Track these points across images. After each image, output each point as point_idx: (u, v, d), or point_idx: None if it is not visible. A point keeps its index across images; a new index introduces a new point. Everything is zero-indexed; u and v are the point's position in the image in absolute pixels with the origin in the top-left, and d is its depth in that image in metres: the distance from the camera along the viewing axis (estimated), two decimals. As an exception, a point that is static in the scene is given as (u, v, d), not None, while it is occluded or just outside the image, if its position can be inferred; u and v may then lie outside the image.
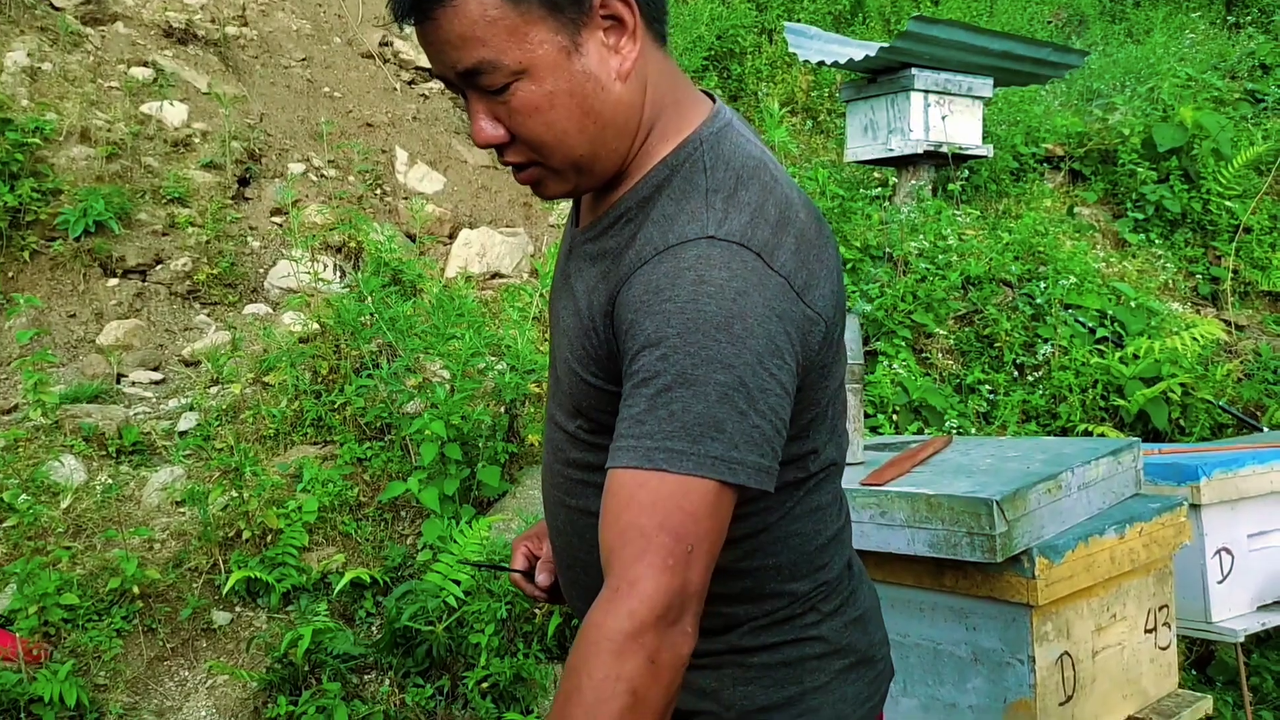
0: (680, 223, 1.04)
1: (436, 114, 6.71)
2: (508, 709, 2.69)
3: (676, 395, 0.97)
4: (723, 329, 0.98)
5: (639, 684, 0.92)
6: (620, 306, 1.04)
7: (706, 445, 0.96)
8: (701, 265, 1.00)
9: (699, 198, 1.06)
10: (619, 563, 0.95)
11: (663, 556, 0.94)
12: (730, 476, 0.97)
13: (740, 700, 1.15)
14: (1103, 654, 2.18)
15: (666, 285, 1.00)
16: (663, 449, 0.96)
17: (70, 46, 5.59)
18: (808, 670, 1.16)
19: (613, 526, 0.97)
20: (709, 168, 1.09)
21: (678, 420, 0.96)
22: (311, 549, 3.12)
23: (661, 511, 0.95)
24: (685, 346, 0.97)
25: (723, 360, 0.97)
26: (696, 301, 0.98)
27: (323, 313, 3.95)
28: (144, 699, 2.72)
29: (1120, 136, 6.28)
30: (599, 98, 1.06)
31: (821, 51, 5.80)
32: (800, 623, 1.17)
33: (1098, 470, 2.26)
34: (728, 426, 0.97)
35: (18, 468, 3.27)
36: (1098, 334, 4.51)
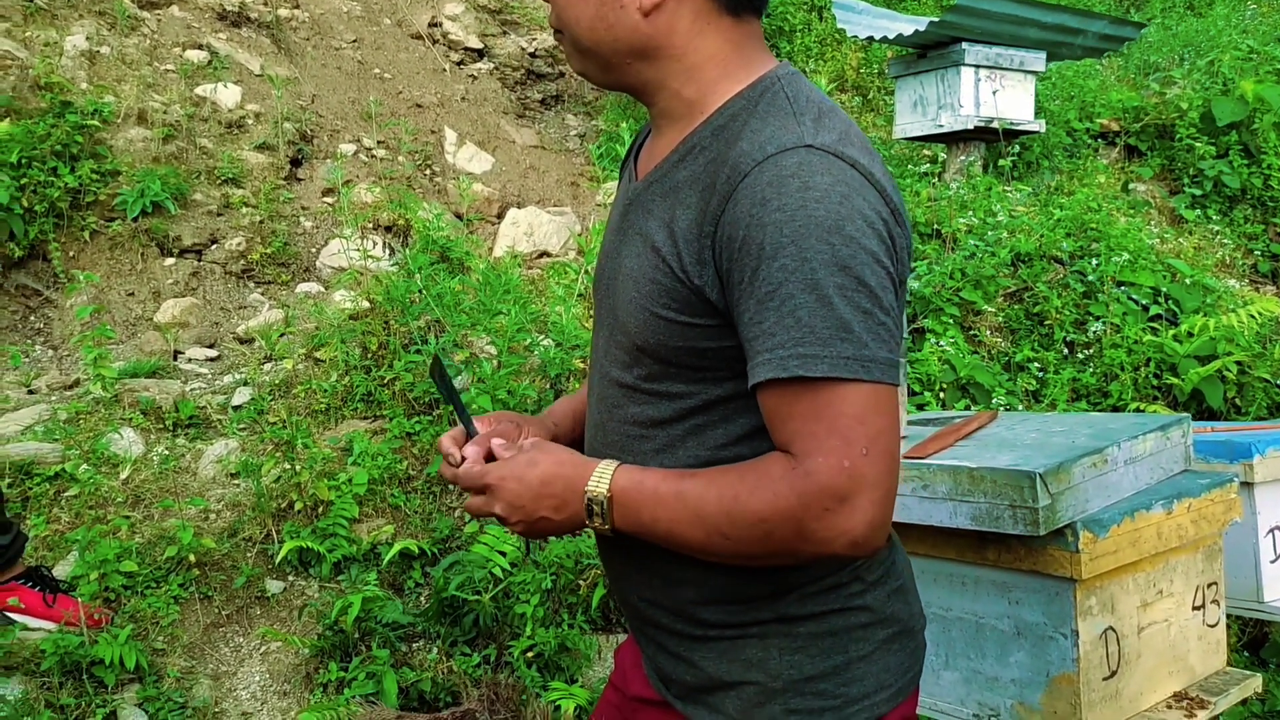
0: (773, 135, 1.06)
1: (485, 94, 6.75)
2: (553, 678, 2.73)
3: (801, 302, 0.99)
4: (835, 231, 1.00)
5: (778, 539, 1.02)
6: (726, 226, 1.05)
7: (838, 347, 0.99)
8: (804, 172, 1.02)
9: (787, 117, 1.09)
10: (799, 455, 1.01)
11: (838, 455, 0.99)
12: (865, 374, 1.00)
13: (787, 670, 1.15)
14: (1148, 630, 2.16)
15: (773, 195, 1.02)
16: (796, 356, 0.99)
17: (127, 30, 5.70)
18: (853, 640, 1.17)
19: (782, 435, 1.03)
20: (791, 98, 1.12)
21: (805, 326, 0.99)
22: (361, 520, 3.18)
23: (826, 419, 0.99)
24: (801, 253, 0.99)
25: (840, 262, 1.00)
26: (805, 207, 1.00)
27: (373, 290, 4.01)
28: (200, 663, 2.80)
29: (1178, 111, 6.14)
30: (616, 14, 1.14)
31: (871, 27, 5.74)
32: (846, 591, 1.18)
33: (1145, 445, 2.23)
34: (855, 326, 0.99)
35: (79, 439, 3.37)
36: (1151, 311, 4.43)
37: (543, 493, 1.13)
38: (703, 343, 1.10)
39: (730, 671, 1.17)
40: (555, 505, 1.13)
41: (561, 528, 1.15)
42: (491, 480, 1.16)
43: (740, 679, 1.17)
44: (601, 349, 1.25)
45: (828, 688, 1.16)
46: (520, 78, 7.10)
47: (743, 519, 1.02)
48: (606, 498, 1.09)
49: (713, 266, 1.07)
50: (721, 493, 1.04)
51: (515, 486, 1.14)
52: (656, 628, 1.24)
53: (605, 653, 2.89)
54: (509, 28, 7.45)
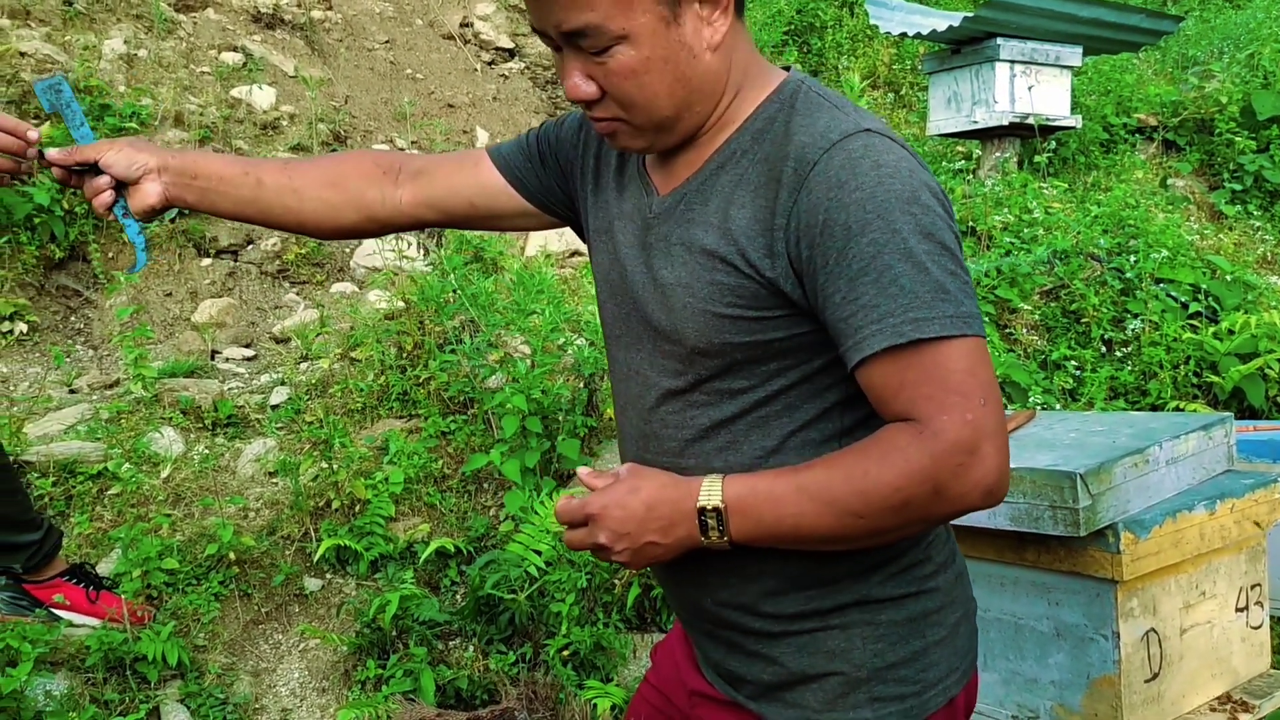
0: (830, 125, 1.10)
1: (516, 94, 6.77)
2: (588, 676, 2.74)
3: (901, 270, 1.03)
4: (913, 201, 1.05)
5: (916, 505, 1.04)
6: (803, 214, 1.08)
7: (940, 307, 1.03)
8: (872, 152, 1.07)
9: (833, 110, 1.13)
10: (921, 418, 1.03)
11: (960, 410, 1.02)
12: (968, 329, 1.04)
13: (871, 658, 1.17)
14: (1191, 632, 2.14)
15: (848, 176, 1.06)
16: (909, 321, 1.03)
17: (164, 33, 5.77)
18: (930, 624, 1.20)
19: (898, 404, 1.05)
20: (822, 95, 1.16)
21: (909, 293, 1.03)
22: (398, 519, 3.20)
23: (938, 379, 1.02)
24: (888, 226, 1.04)
25: (923, 229, 1.05)
26: (882, 183, 1.05)
27: (407, 290, 4.04)
28: (240, 660, 2.83)
29: (1217, 105, 6.06)
30: (691, 66, 1.13)
31: (904, 23, 5.71)
32: (920, 573, 1.20)
33: (1187, 445, 2.21)
34: (950, 286, 1.04)
35: (121, 438, 3.42)
36: (1191, 309, 4.38)
37: (649, 517, 1.13)
38: (771, 334, 1.13)
39: (813, 664, 1.18)
40: (662, 528, 1.13)
41: (670, 551, 1.14)
42: (594, 510, 1.15)
43: (824, 671, 1.18)
44: (640, 365, 1.25)
45: (909, 674, 1.18)
46: (551, 77, 7.12)
47: (877, 493, 1.03)
48: (722, 508, 1.09)
49: (785, 258, 1.10)
50: (849, 473, 1.05)
51: (620, 514, 1.13)
52: (731, 629, 1.24)
53: (640, 652, 2.89)
54: (540, 27, 7.47)
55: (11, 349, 4.22)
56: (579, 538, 1.17)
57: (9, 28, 5.19)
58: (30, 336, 4.32)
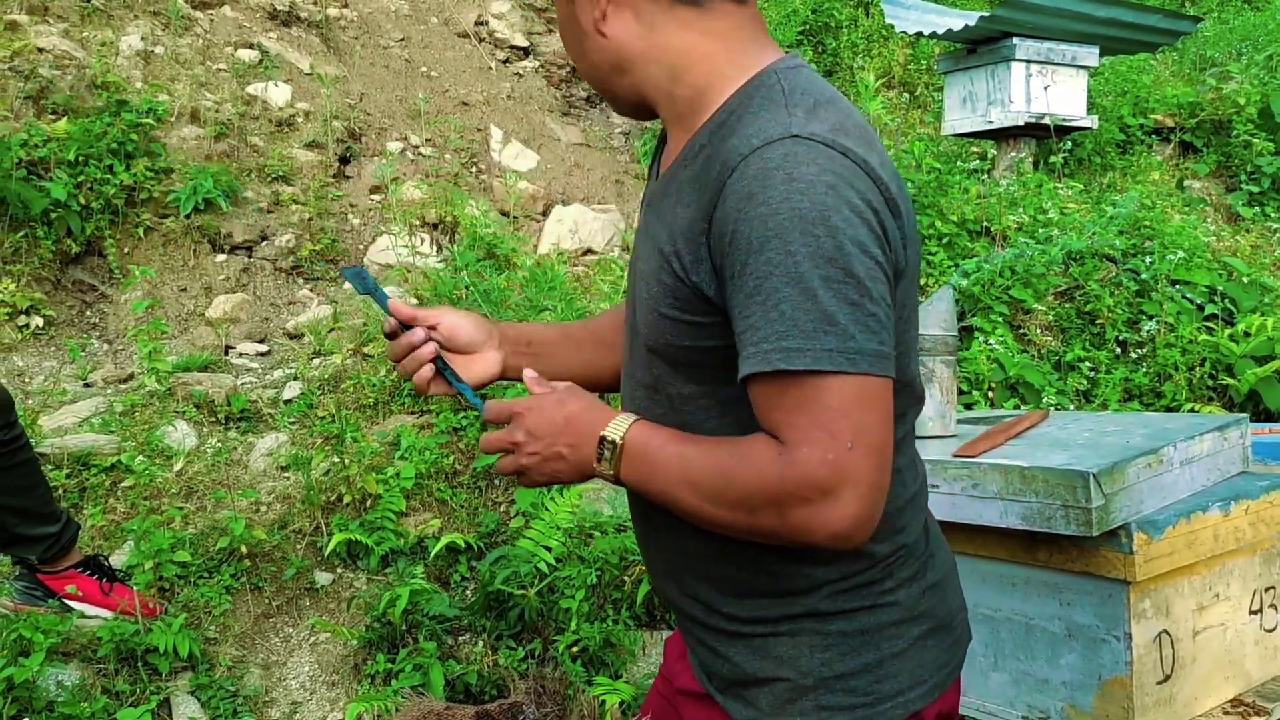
0: (760, 129, 1.05)
1: (531, 92, 6.78)
2: (597, 673, 2.74)
3: (785, 295, 0.98)
4: (819, 222, 0.99)
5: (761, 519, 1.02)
6: (718, 222, 1.04)
7: (821, 340, 0.98)
8: (789, 163, 1.01)
9: (778, 109, 1.07)
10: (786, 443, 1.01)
11: (821, 449, 0.98)
12: (850, 367, 0.98)
13: (818, 667, 1.15)
14: (1204, 634, 2.12)
15: (759, 189, 1.00)
16: (779, 350, 0.98)
17: (181, 30, 5.80)
18: (885, 637, 1.17)
19: (768, 423, 1.03)
20: (786, 90, 1.10)
21: (789, 320, 0.98)
22: (409, 514, 3.21)
23: (809, 411, 0.99)
24: (786, 246, 0.98)
25: (823, 253, 0.98)
26: (789, 199, 0.99)
27: (420, 286, 4.05)
28: (251, 652, 2.84)
29: (1235, 106, 6.03)
30: (583, 42, 1.20)
31: (919, 22, 5.69)
32: (877, 589, 1.17)
33: (1202, 446, 2.19)
34: (840, 318, 0.98)
35: (134, 432, 3.44)
36: (1207, 311, 4.35)
37: (565, 430, 1.15)
38: (705, 341, 1.10)
39: (762, 668, 1.17)
40: (571, 444, 1.14)
41: (570, 470, 1.16)
42: (519, 409, 1.18)
43: (772, 675, 1.17)
44: (626, 351, 1.27)
45: (859, 685, 1.15)
46: (565, 75, 7.12)
47: (730, 493, 1.04)
48: (619, 444, 1.11)
49: (709, 263, 1.07)
50: (718, 462, 1.05)
51: (541, 419, 1.16)
52: (694, 622, 1.25)
53: (650, 648, 2.89)
54: (554, 25, 7.48)
55: (28, 343, 4.24)
56: (497, 437, 1.19)
57: (27, 23, 5.22)
58: (46, 330, 4.34)
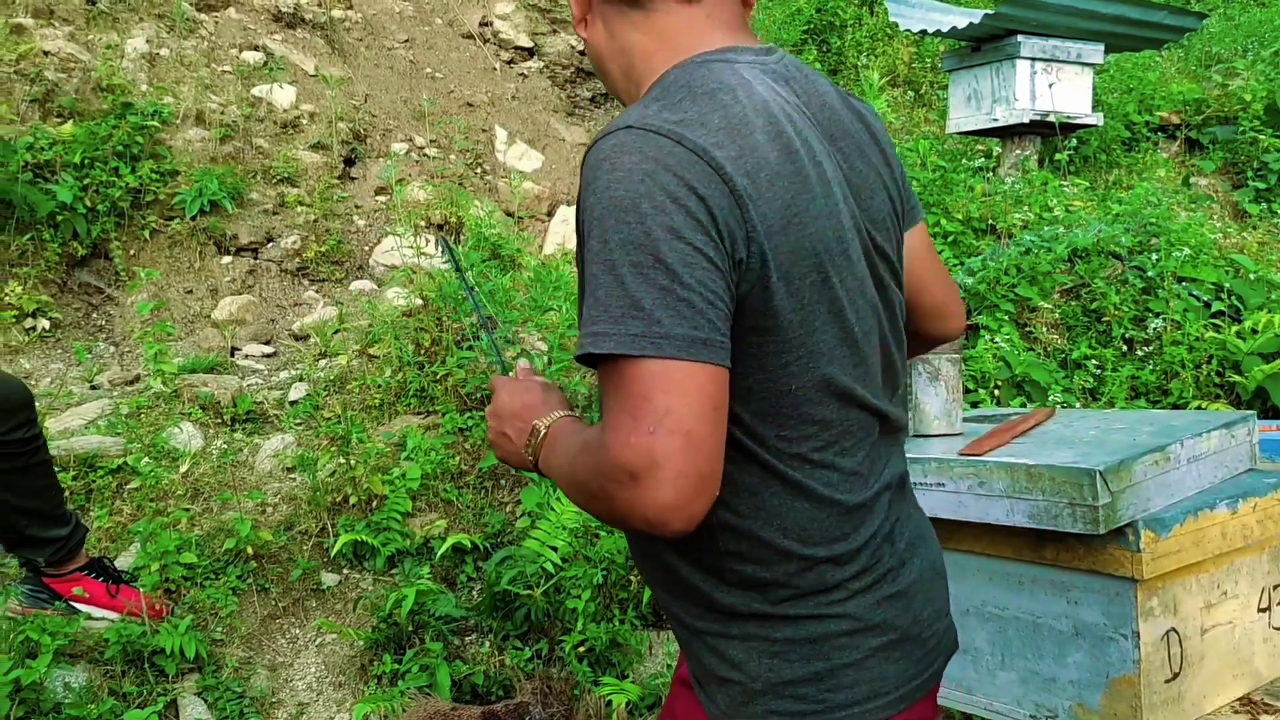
0: (611, 124, 1.09)
1: (535, 93, 6.78)
2: (604, 673, 2.74)
3: (601, 282, 1.01)
4: (631, 210, 1.01)
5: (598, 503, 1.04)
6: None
7: (627, 325, 0.99)
8: (615, 153, 1.04)
9: (641, 104, 1.11)
10: (602, 427, 1.03)
11: (625, 432, 0.98)
12: (653, 350, 0.98)
13: (765, 672, 1.15)
14: (1212, 632, 2.11)
15: (590, 179, 1.05)
16: (590, 335, 1.01)
17: (186, 32, 5.81)
18: (836, 647, 1.15)
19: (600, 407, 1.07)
20: (668, 83, 1.12)
21: (601, 305, 1.00)
22: (415, 515, 3.21)
23: (619, 394, 1.00)
24: (601, 234, 1.02)
25: (633, 240, 1.00)
26: (609, 189, 1.02)
27: (425, 287, 4.05)
28: (258, 654, 2.85)
29: (1241, 103, 6.01)
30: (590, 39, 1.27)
31: (924, 20, 5.68)
32: (825, 599, 1.15)
33: (1209, 443, 2.18)
34: (645, 304, 0.98)
35: (141, 434, 3.44)
36: (1213, 308, 4.34)
37: (519, 413, 1.24)
38: None
39: (718, 668, 1.18)
40: (518, 429, 1.24)
41: (511, 455, 1.26)
42: (496, 386, 1.31)
43: (726, 676, 1.18)
44: None
45: (809, 692, 1.15)
46: (570, 76, 7.12)
47: (578, 478, 1.09)
48: (543, 432, 1.19)
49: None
50: (580, 449, 1.10)
51: (505, 399, 1.27)
52: (670, 618, 1.28)
53: (656, 648, 2.89)
54: (559, 26, 7.48)
55: (34, 345, 4.25)
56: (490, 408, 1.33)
57: (33, 27, 5.23)
58: (53, 333, 4.35)
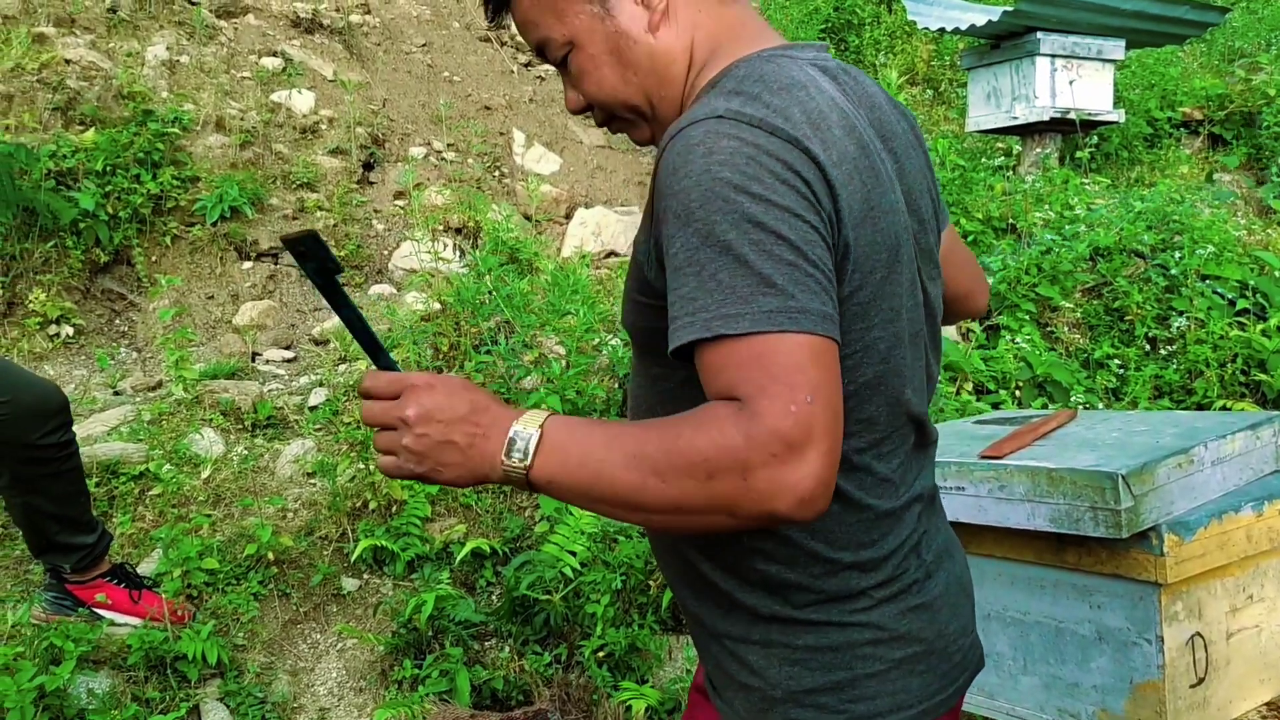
0: (692, 113, 1.06)
1: (553, 95, 6.79)
2: (623, 678, 2.73)
3: (720, 265, 0.96)
4: (742, 190, 0.97)
5: (720, 486, 0.93)
6: (656, 201, 1.05)
7: (759, 302, 0.95)
8: (709, 139, 1.00)
9: (718, 95, 1.08)
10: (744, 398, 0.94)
11: (784, 400, 0.92)
12: (793, 325, 0.94)
13: (786, 680, 1.14)
14: (1238, 636, 2.09)
15: (681, 164, 1.01)
16: (719, 317, 0.95)
17: (205, 39, 5.85)
18: (859, 656, 1.13)
19: (718, 383, 0.97)
20: (741, 76, 1.10)
21: (726, 288, 0.95)
22: (434, 520, 3.21)
23: (763, 367, 0.94)
24: (707, 217, 0.97)
25: (752, 218, 0.96)
26: (711, 171, 0.98)
27: (443, 291, 4.06)
28: (279, 659, 2.86)
29: (1265, 97, 5.95)
30: (634, 51, 1.15)
31: (942, 18, 5.65)
32: (850, 606, 1.14)
33: (1233, 445, 2.16)
34: (777, 279, 0.95)
35: (162, 440, 3.46)
36: (1238, 306, 4.29)
37: (467, 417, 1.01)
38: (656, 322, 1.09)
39: (738, 674, 1.17)
40: (472, 433, 1.01)
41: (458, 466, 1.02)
42: (417, 383, 1.03)
43: (746, 682, 1.17)
44: None
45: (830, 702, 1.13)
46: (587, 78, 7.13)
47: (684, 457, 0.94)
48: (536, 435, 1.00)
49: (653, 242, 1.08)
50: (664, 431, 0.97)
51: (440, 400, 1.02)
52: (689, 619, 1.26)
53: (675, 653, 2.88)
54: (576, 28, 7.48)
55: (58, 351, 4.29)
56: (380, 409, 1.03)
57: (55, 36, 5.28)
58: (76, 339, 4.39)
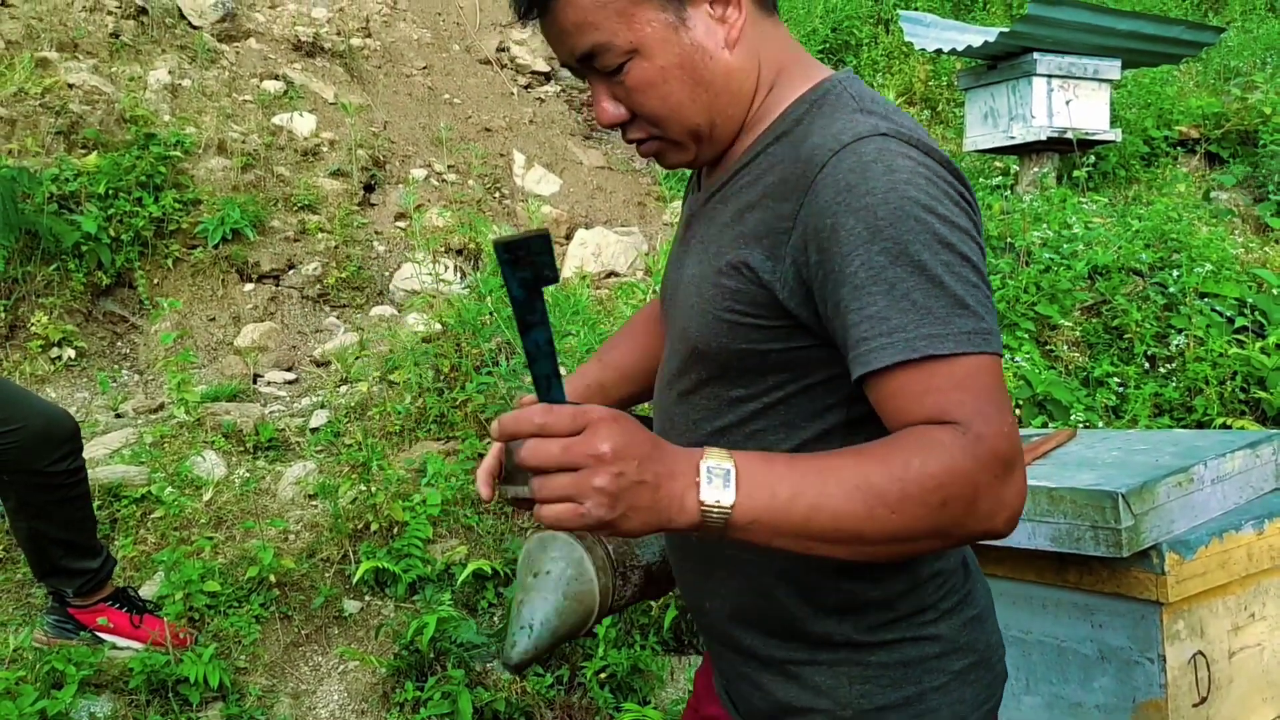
0: (845, 127, 1.04)
1: (553, 117, 6.83)
2: (625, 699, 2.73)
3: (913, 284, 0.97)
4: (929, 210, 0.99)
5: (950, 511, 0.94)
6: (809, 219, 1.02)
7: (956, 323, 0.97)
8: (886, 156, 1.00)
9: (854, 112, 1.07)
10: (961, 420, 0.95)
11: (998, 423, 0.95)
12: (986, 347, 0.98)
13: (857, 699, 1.13)
14: (1240, 655, 2.09)
15: (858, 180, 0.99)
16: (922, 337, 0.96)
17: (207, 63, 5.89)
18: (926, 670, 1.14)
19: (923, 409, 0.97)
20: (855, 96, 1.10)
21: (921, 308, 0.97)
22: (435, 541, 3.21)
23: (972, 388, 0.96)
24: (902, 234, 0.97)
25: (941, 239, 0.98)
26: (896, 189, 0.98)
27: (444, 313, 4.07)
28: (281, 682, 2.85)
29: (1261, 116, 5.98)
30: (708, 67, 1.09)
31: (939, 39, 5.69)
32: (919, 620, 1.15)
33: (1233, 463, 2.16)
34: (968, 301, 0.98)
35: (164, 462, 3.47)
36: (1237, 323, 4.30)
37: (654, 455, 0.90)
38: (768, 344, 1.08)
39: (799, 697, 1.15)
40: (658, 475, 0.90)
41: (648, 509, 0.90)
42: (603, 416, 0.89)
43: (809, 705, 1.15)
44: (666, 361, 1.26)
45: (899, 718, 1.13)
46: (587, 99, 7.16)
47: (917, 486, 0.92)
48: (732, 469, 0.91)
49: (789, 263, 1.04)
50: (886, 460, 0.94)
51: (628, 435, 0.89)
52: (727, 647, 1.22)
53: (678, 674, 2.88)
54: (575, 50, 7.53)
55: (60, 374, 4.30)
56: (561, 448, 0.87)
57: (57, 60, 5.32)
58: (78, 362, 4.40)
